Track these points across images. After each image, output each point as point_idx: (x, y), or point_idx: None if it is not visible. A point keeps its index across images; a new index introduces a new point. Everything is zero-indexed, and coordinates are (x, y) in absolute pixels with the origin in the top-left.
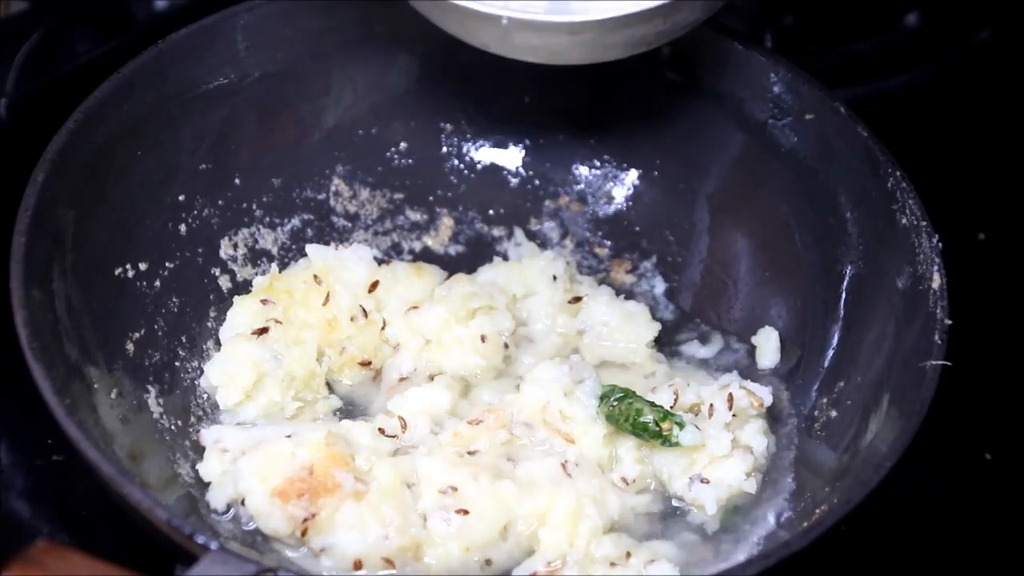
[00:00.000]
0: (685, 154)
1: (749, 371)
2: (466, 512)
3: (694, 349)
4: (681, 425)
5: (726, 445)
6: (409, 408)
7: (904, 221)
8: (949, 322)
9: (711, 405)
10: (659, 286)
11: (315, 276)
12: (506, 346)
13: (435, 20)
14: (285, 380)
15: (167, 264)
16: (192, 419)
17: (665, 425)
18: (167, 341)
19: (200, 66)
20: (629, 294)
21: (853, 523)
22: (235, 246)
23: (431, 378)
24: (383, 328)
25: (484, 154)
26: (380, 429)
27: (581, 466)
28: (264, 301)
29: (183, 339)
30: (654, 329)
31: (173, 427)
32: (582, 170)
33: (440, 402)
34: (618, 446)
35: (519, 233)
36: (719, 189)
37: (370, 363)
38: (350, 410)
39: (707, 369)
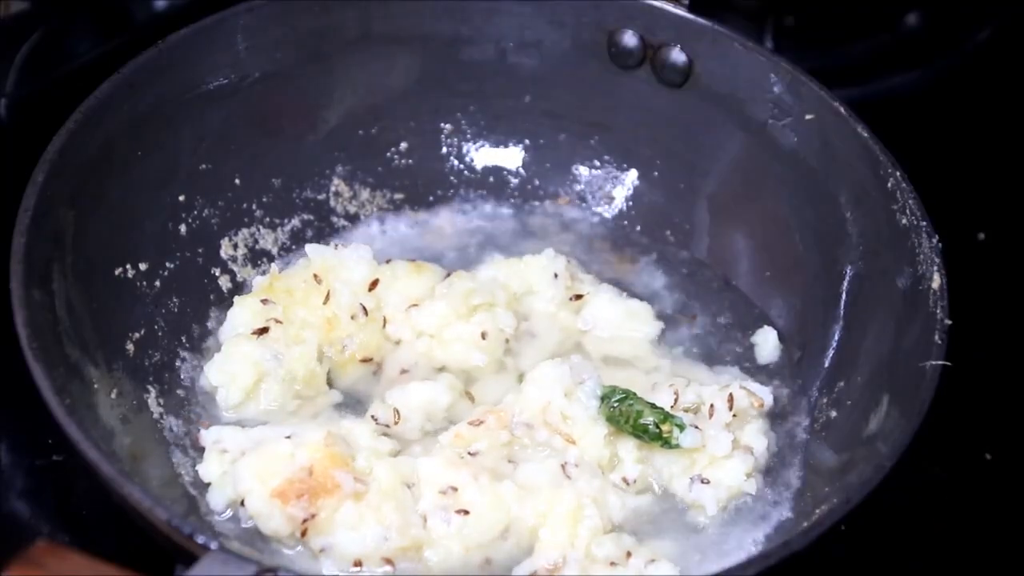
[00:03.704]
0: (685, 154)
1: (749, 371)
2: (466, 512)
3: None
4: (681, 427)
5: (726, 446)
6: (406, 401)
7: (904, 221)
8: (949, 322)
9: (711, 405)
10: (659, 282)
11: (315, 275)
12: (507, 341)
13: None
14: (286, 380)
15: (167, 264)
16: (192, 419)
17: (665, 427)
18: (167, 341)
19: (200, 66)
20: (630, 291)
21: (853, 523)
22: (235, 246)
23: (437, 371)
24: (384, 326)
25: (484, 154)
26: (373, 417)
27: (581, 467)
28: (264, 301)
29: (183, 339)
30: (657, 327)
31: (173, 427)
32: (582, 170)
33: (439, 399)
34: (619, 447)
35: (519, 233)
36: (719, 189)
37: (371, 359)
38: (351, 404)
39: (709, 364)
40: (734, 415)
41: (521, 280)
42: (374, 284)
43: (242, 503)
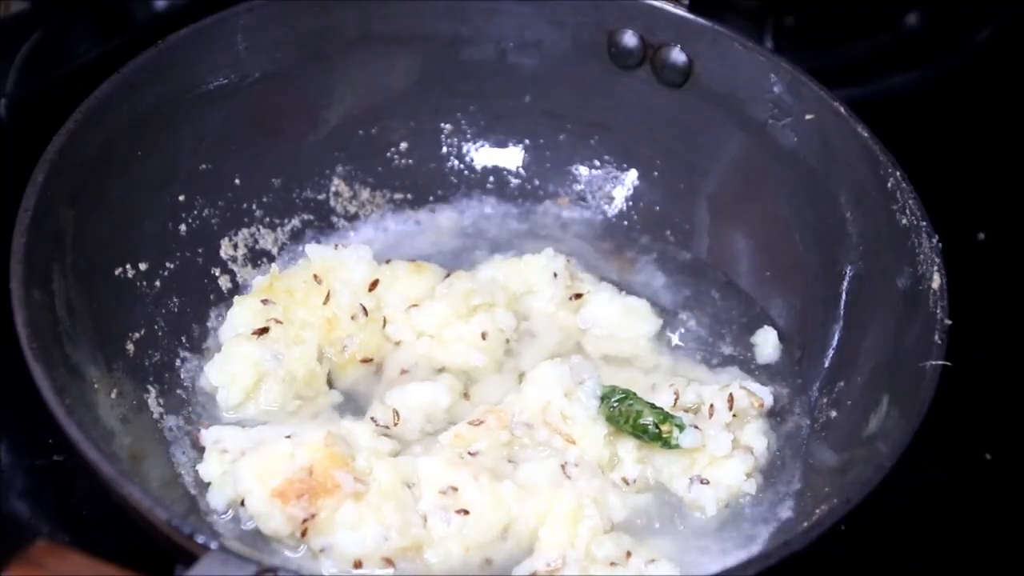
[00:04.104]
0: (685, 154)
1: (749, 371)
2: (466, 512)
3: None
4: (681, 427)
5: (726, 446)
6: (406, 402)
7: (904, 221)
8: (949, 322)
9: (711, 405)
10: (659, 282)
11: (315, 276)
12: (507, 341)
13: None
14: (286, 380)
15: (167, 264)
16: (192, 419)
17: (665, 427)
18: (167, 341)
19: (200, 66)
20: (630, 291)
21: (853, 523)
22: (235, 246)
23: (437, 371)
24: (384, 326)
25: (484, 154)
26: (372, 418)
27: (581, 467)
28: (264, 301)
29: (183, 339)
30: (656, 324)
31: (173, 427)
32: (582, 170)
33: (439, 400)
34: (618, 446)
35: (519, 233)
36: (719, 189)
37: (371, 360)
38: (351, 404)
39: (709, 364)
40: (734, 415)
41: (521, 280)
42: (374, 284)
43: (242, 503)
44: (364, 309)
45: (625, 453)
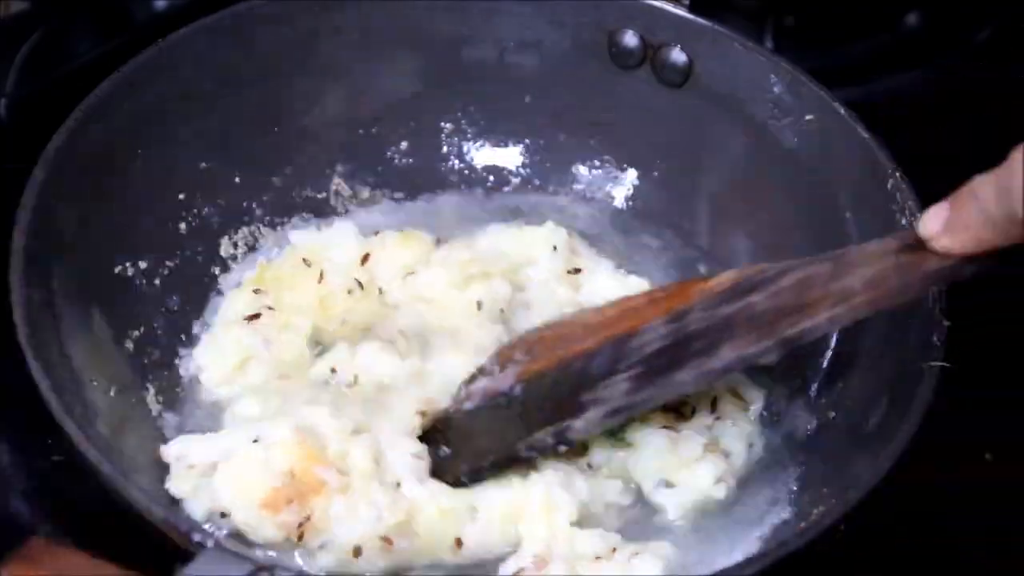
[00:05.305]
0: (685, 154)
1: (747, 370)
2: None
3: None
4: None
5: (697, 449)
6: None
7: (904, 221)
8: (948, 323)
9: (692, 407)
10: (659, 280)
11: (304, 259)
12: (501, 311)
13: None
14: (272, 364)
15: (167, 263)
16: (192, 418)
17: None
18: (167, 340)
19: (200, 66)
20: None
21: (852, 524)
22: (235, 245)
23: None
24: (380, 295)
25: (484, 154)
26: (332, 369)
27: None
28: (256, 291)
29: (183, 338)
30: None
31: (172, 424)
32: (582, 170)
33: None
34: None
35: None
36: (719, 189)
37: (371, 329)
38: None
39: None
40: (717, 417)
41: (520, 251)
42: (365, 258)
43: (222, 515)
44: (359, 283)
45: (592, 443)
